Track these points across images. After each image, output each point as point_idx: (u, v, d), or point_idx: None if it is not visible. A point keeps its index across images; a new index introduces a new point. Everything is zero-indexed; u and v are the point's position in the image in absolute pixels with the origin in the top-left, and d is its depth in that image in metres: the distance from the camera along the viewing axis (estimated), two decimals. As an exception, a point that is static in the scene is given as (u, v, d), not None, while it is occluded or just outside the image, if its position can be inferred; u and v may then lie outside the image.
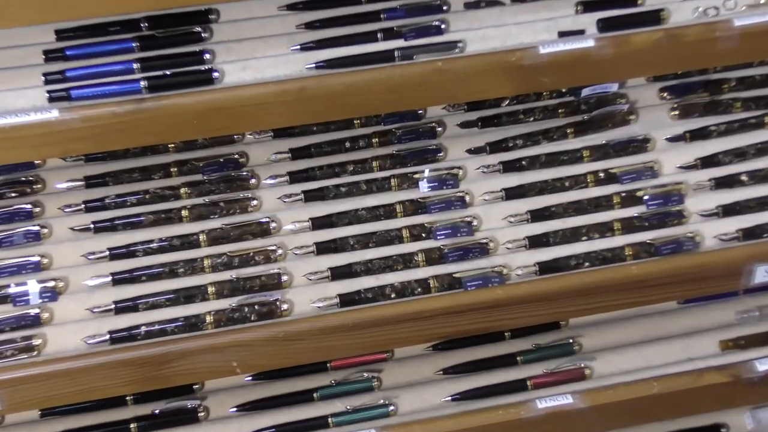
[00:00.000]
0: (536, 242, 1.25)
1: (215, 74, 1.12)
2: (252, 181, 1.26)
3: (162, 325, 1.16)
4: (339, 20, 1.18)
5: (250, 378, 1.28)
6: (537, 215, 1.27)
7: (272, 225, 1.23)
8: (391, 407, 1.24)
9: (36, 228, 1.20)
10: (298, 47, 1.15)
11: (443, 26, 1.18)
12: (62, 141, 1.07)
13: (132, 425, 1.22)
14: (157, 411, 1.22)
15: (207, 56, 1.13)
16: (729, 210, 1.28)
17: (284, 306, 1.18)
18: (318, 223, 1.24)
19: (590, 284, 1.20)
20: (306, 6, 1.19)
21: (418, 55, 1.15)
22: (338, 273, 1.21)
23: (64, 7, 1.04)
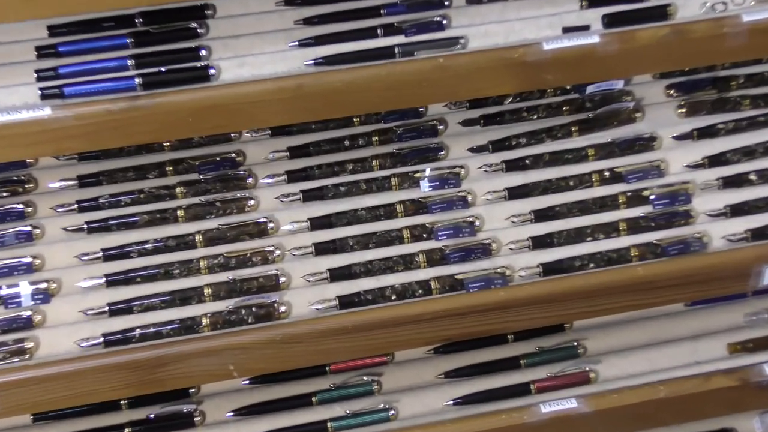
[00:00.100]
0: (540, 243, 1.24)
1: (211, 71, 1.11)
2: (249, 181, 1.25)
3: (157, 328, 1.16)
4: (338, 16, 1.17)
5: (248, 382, 1.28)
6: (541, 215, 1.26)
7: (270, 225, 1.22)
8: (392, 412, 1.24)
9: (28, 228, 1.19)
10: (296, 43, 1.15)
11: (445, 22, 1.17)
12: (55, 139, 1.07)
13: (126, 430, 1.22)
14: (152, 415, 1.23)
15: (203, 53, 1.13)
16: (737, 210, 1.28)
17: (282, 308, 1.18)
18: (317, 224, 1.24)
19: (595, 286, 1.20)
20: (304, 1, 1.18)
21: (419, 52, 1.15)
22: (337, 274, 1.21)
23: (57, 2, 1.03)
